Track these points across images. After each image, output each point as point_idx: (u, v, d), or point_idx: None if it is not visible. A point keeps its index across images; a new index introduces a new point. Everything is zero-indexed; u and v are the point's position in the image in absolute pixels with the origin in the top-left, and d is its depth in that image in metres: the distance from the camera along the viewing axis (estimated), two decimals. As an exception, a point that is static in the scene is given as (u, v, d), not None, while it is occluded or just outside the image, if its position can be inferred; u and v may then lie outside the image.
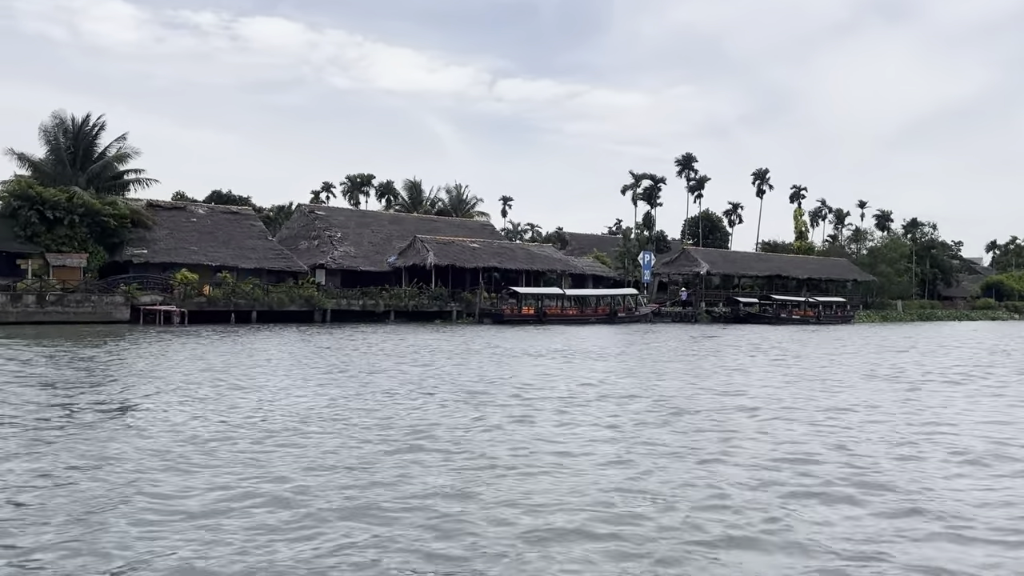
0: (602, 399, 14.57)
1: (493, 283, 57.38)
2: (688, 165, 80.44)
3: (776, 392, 16.06)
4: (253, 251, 48.43)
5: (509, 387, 16.23)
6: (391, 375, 18.00)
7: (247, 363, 20.30)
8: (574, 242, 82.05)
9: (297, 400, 13.79)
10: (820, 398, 15.18)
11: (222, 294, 41.94)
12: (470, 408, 13.18)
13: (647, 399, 14.72)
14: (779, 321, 61.63)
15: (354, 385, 16.09)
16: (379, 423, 11.60)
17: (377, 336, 32.96)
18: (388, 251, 56.10)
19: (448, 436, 10.66)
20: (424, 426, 11.39)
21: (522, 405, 13.61)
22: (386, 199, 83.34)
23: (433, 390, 15.40)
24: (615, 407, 13.62)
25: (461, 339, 31.97)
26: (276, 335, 32.31)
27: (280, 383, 16.20)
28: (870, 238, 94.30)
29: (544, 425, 11.64)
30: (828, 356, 26.76)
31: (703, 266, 67.23)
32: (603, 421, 12.10)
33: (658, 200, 75.67)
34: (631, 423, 12.00)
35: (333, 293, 47.20)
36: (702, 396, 15.27)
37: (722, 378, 18.67)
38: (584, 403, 14.02)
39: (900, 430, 11.74)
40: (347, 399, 14.01)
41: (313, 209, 57.32)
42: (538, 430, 11.23)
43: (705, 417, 12.65)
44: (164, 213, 47.95)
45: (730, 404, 14.11)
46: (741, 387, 16.86)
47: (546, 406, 13.49)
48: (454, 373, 18.67)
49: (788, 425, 11.98)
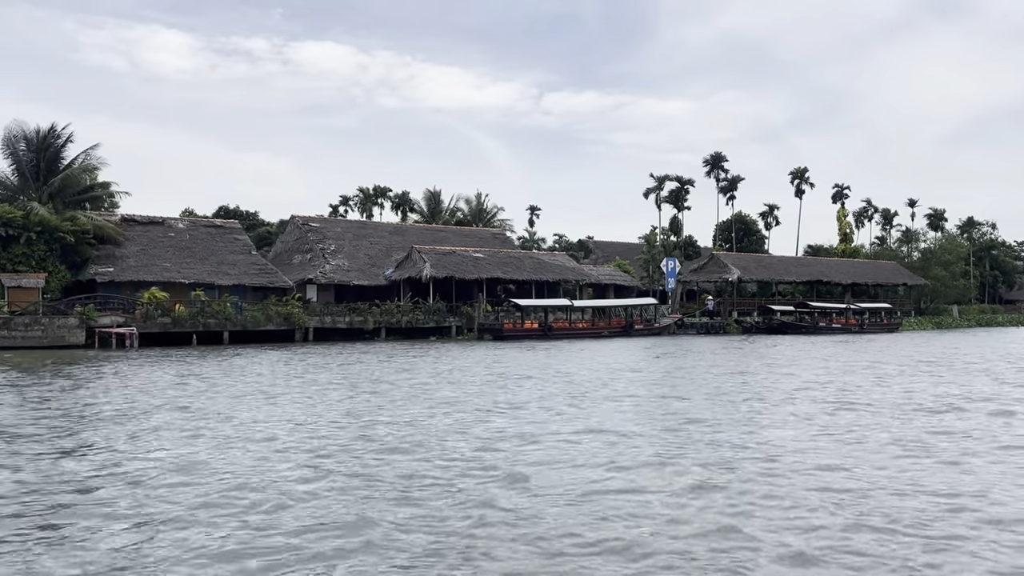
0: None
1: (503, 295, 53.33)
2: (718, 165, 75.25)
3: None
4: (233, 267, 45.19)
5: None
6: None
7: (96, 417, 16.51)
8: (599, 251, 77.51)
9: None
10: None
11: (188, 314, 38.65)
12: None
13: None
14: (817, 331, 56.14)
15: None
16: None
17: (333, 360, 29.09)
18: (387, 264, 52.47)
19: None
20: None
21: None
22: (402, 211, 79.95)
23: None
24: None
25: (432, 365, 27.92)
26: (219, 360, 28.67)
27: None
28: (923, 239, 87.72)
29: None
30: (835, 385, 21.92)
31: (733, 272, 62.02)
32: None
33: (685, 203, 70.68)
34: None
35: (316, 310, 43.60)
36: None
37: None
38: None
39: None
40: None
41: (306, 221, 54.00)
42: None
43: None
44: (138, 228, 45.05)
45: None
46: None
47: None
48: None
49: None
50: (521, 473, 9.31)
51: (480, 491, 8.49)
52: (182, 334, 38.30)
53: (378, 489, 8.65)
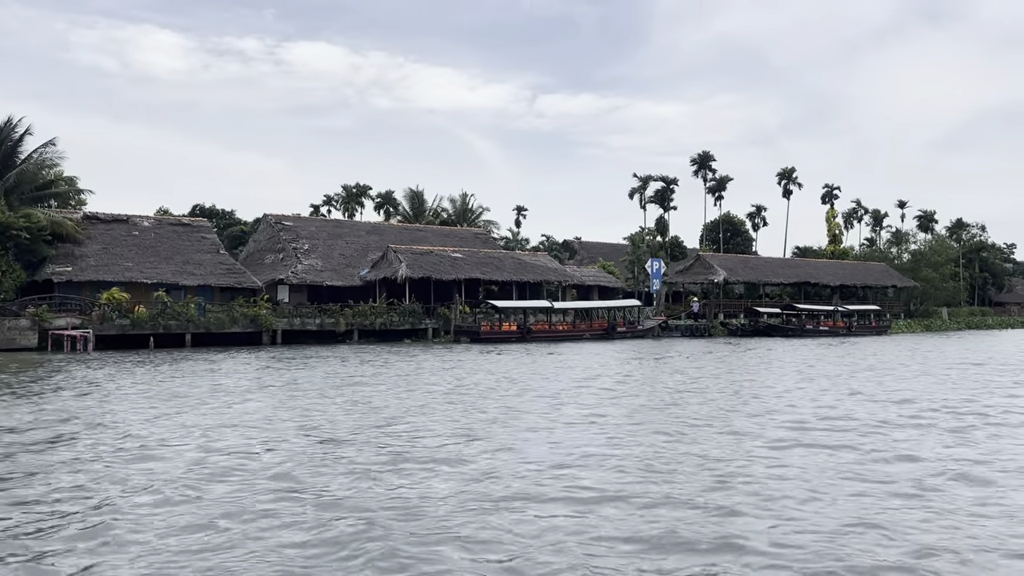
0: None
1: (483, 297, 51.83)
2: (705, 165, 73.94)
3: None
4: (199, 266, 43.53)
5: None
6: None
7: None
8: (584, 251, 76.07)
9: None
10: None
11: (148, 315, 36.99)
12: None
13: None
14: (804, 333, 54.87)
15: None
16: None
17: (286, 366, 27.56)
18: (363, 264, 50.88)
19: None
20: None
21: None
22: (385, 210, 78.38)
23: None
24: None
25: (384, 372, 26.46)
26: (168, 365, 27.08)
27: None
28: (912, 240, 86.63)
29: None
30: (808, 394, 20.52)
31: (720, 274, 60.71)
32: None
33: (671, 203, 69.31)
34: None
35: (285, 311, 41.99)
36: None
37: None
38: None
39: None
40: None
41: (279, 220, 52.34)
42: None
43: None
44: (101, 226, 43.32)
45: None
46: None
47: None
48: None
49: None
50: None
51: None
52: (141, 337, 36.64)
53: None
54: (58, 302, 36.49)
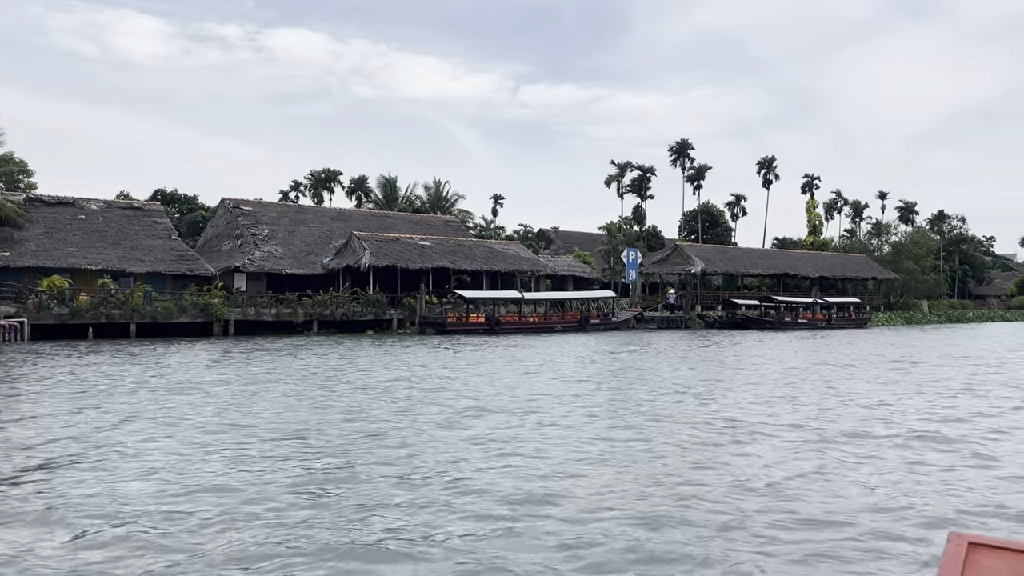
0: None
1: (451, 287, 49.85)
2: (683, 153, 72.21)
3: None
4: (149, 252, 41.24)
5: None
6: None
7: None
8: (560, 241, 74.32)
9: None
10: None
11: (89, 304, 34.74)
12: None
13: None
14: (782, 326, 53.41)
15: None
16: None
17: (225, 358, 25.49)
18: (326, 252, 48.73)
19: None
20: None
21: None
22: (356, 196, 76.03)
23: None
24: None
25: (322, 365, 24.46)
26: (94, 358, 24.94)
27: None
28: (893, 232, 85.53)
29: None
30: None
31: (697, 264, 59.12)
32: None
33: (648, 192, 67.61)
34: None
35: (238, 301, 39.81)
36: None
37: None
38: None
39: None
40: None
41: (238, 204, 50.00)
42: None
43: None
44: (45, 209, 40.91)
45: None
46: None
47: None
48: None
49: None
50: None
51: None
52: (82, 327, 34.39)
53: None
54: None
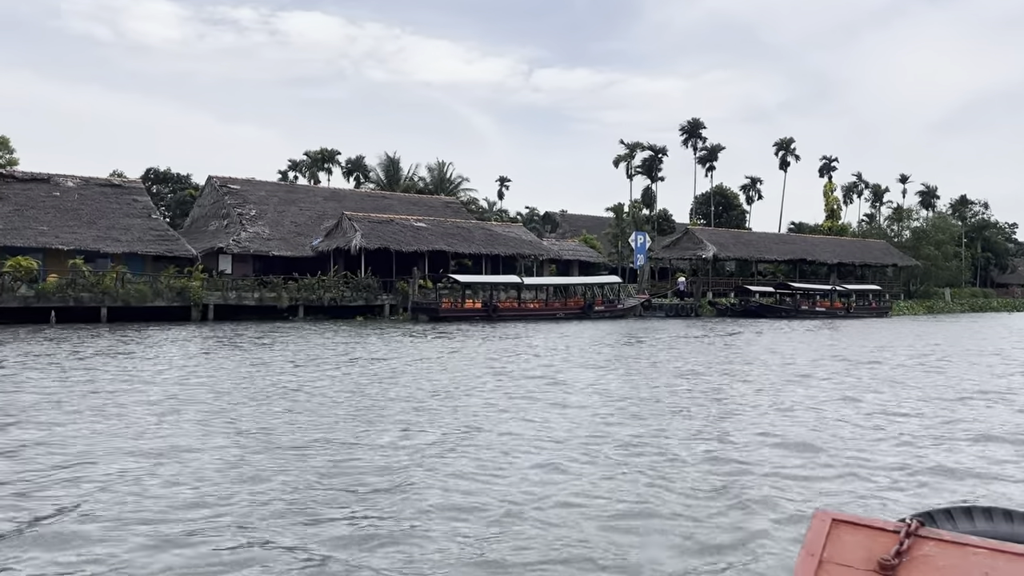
0: None
1: (454, 271, 47.33)
2: (695, 133, 69.18)
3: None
4: (126, 232, 38.89)
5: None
6: None
7: None
8: (567, 224, 71.57)
9: None
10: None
11: (55, 286, 32.46)
12: None
13: None
14: (798, 314, 50.63)
15: None
16: None
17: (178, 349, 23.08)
18: (316, 233, 46.30)
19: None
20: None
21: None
22: (355, 177, 73.51)
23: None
24: None
25: (278, 358, 22.03)
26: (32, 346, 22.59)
27: None
28: (914, 217, 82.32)
29: None
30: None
31: (709, 249, 56.35)
32: None
33: (659, 174, 64.71)
34: None
35: (219, 284, 37.46)
36: None
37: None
38: None
39: None
40: None
41: (225, 182, 47.53)
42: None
43: None
44: (17, 186, 38.60)
45: None
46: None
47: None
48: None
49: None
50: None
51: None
52: (47, 310, 32.13)
53: None
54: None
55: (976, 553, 1.86)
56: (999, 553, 1.85)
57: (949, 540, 1.92)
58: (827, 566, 1.89)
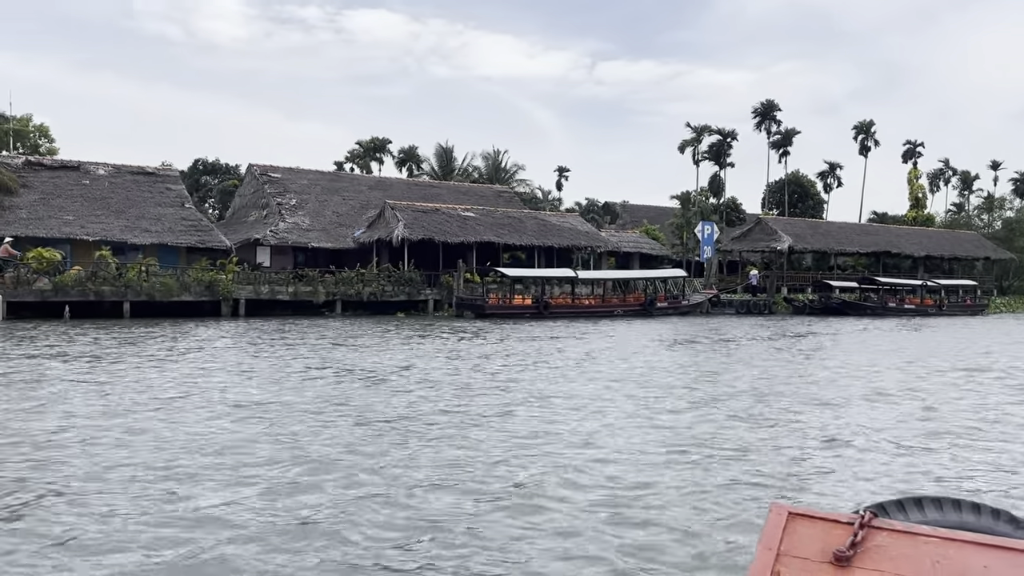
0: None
1: (503, 264, 44.16)
2: (768, 115, 64.38)
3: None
4: (157, 222, 36.82)
5: None
6: None
7: None
8: (627, 214, 67.58)
9: None
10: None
11: (73, 279, 30.41)
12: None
13: None
14: (886, 312, 45.90)
15: None
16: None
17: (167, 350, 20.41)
18: (360, 224, 43.67)
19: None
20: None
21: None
22: (408, 168, 71.01)
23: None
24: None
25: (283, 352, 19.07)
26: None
27: None
28: (1007, 207, 75.71)
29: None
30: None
31: (784, 240, 51.89)
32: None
33: (728, 160, 60.27)
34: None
35: (251, 278, 35.04)
36: None
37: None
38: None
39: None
40: None
41: (265, 171, 45.26)
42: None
43: None
44: (45, 174, 36.89)
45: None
46: None
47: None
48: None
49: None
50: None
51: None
52: (66, 304, 30.10)
53: None
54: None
55: (927, 542, 1.87)
56: (948, 541, 1.87)
57: (901, 530, 1.93)
58: (784, 559, 1.90)
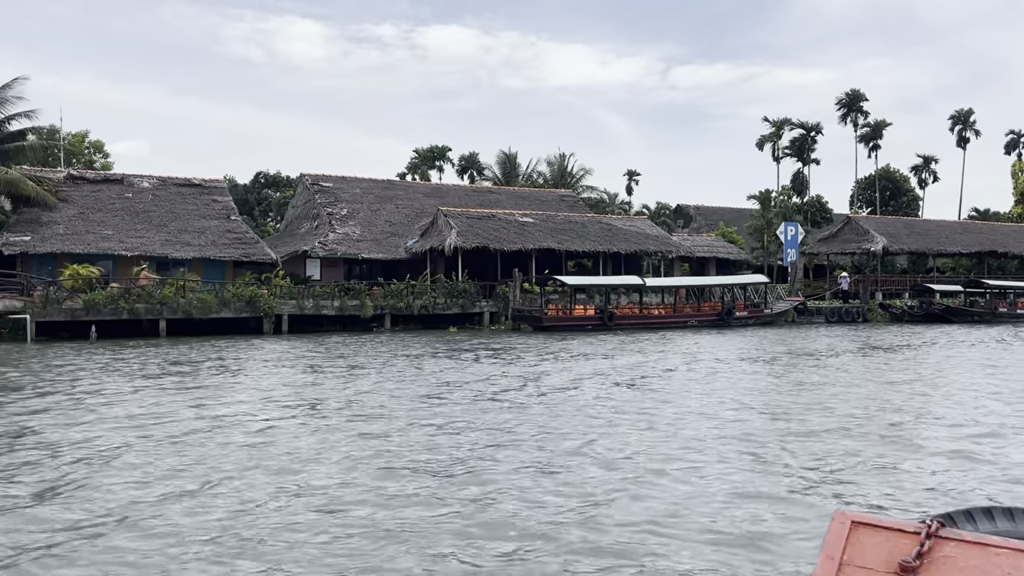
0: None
1: (566, 272, 41.16)
2: (854, 106, 59.45)
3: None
4: (200, 235, 35.13)
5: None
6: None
7: None
8: (701, 217, 63.50)
9: None
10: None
11: (105, 296, 28.76)
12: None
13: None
14: (996, 318, 40.91)
15: None
16: None
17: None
18: (412, 233, 41.30)
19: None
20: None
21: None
22: (469, 175, 68.73)
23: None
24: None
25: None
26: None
27: None
28: None
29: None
30: None
31: (877, 241, 47.21)
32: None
33: (811, 156, 55.72)
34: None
35: (293, 292, 32.92)
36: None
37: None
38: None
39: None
40: None
41: (316, 181, 43.35)
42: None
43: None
44: (87, 187, 35.67)
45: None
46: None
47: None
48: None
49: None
50: None
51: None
52: (101, 323, 28.47)
53: None
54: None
55: (998, 553, 1.81)
56: (1020, 553, 1.78)
57: (970, 541, 1.87)
58: (847, 569, 1.85)
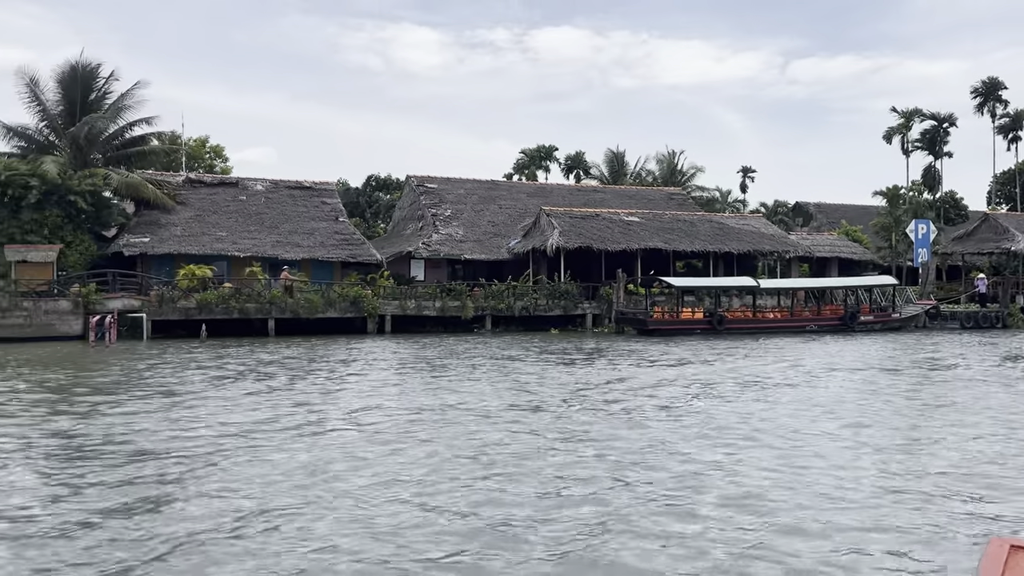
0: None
1: (675, 273, 39.63)
2: (992, 95, 54.82)
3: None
4: (309, 236, 35.76)
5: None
6: None
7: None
8: (822, 215, 60.22)
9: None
10: None
11: (216, 296, 29.55)
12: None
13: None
14: None
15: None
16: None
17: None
18: (515, 233, 40.76)
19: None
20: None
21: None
22: (575, 174, 67.77)
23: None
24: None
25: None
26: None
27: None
28: None
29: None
30: None
31: (1018, 239, 43.20)
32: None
33: (944, 149, 51.74)
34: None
35: (396, 292, 32.96)
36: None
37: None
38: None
39: None
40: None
41: (422, 182, 43.45)
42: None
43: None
44: (204, 191, 36.94)
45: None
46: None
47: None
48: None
49: None
50: None
51: None
52: (212, 322, 29.31)
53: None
54: (115, 280, 30.05)
55: None
56: None
57: None
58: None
